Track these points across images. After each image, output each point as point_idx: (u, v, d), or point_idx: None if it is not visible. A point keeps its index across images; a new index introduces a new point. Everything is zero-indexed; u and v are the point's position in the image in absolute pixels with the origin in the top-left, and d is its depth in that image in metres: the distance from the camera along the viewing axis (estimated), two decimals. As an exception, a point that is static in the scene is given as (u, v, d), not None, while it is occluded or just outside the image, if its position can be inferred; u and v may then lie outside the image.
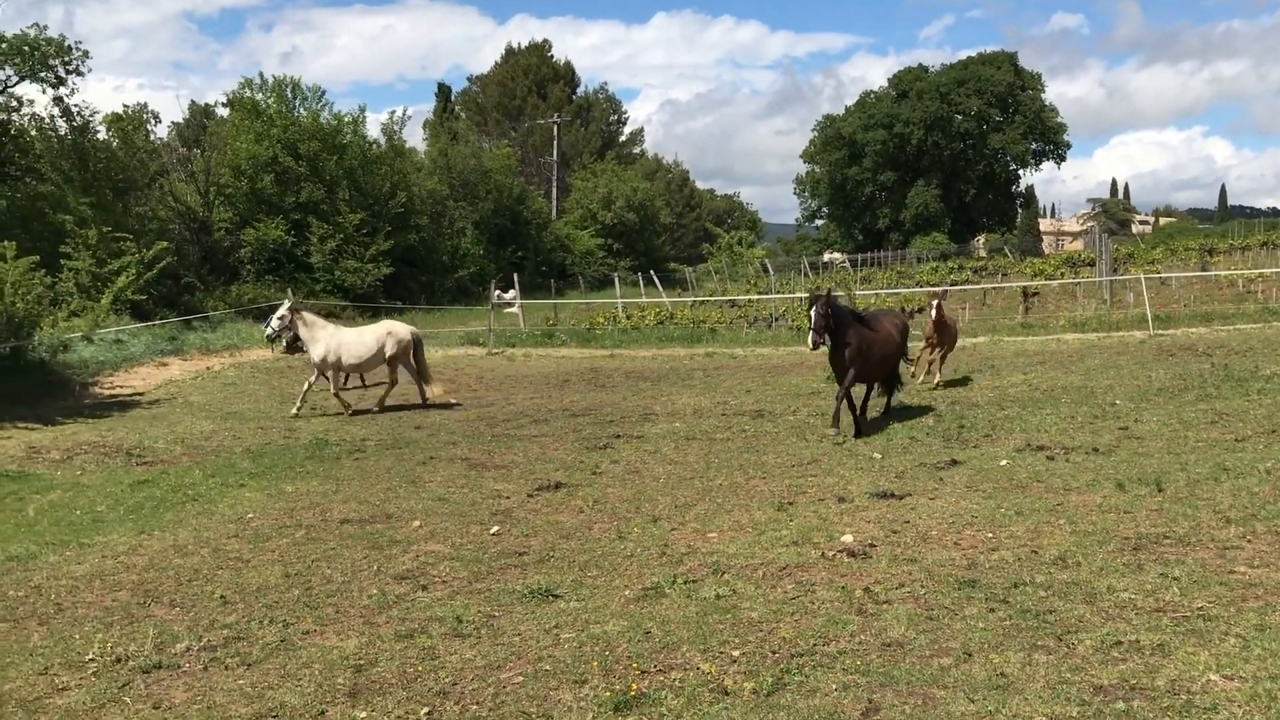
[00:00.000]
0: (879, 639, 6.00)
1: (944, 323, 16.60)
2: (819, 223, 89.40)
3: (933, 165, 78.11)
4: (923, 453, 11.63)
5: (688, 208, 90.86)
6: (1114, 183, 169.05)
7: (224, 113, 47.77)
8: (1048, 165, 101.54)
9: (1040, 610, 6.30)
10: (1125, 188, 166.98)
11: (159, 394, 19.69)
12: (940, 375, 16.89)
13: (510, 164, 59.25)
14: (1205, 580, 6.66)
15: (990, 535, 8.03)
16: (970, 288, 34.41)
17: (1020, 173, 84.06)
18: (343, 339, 17.19)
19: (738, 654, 5.89)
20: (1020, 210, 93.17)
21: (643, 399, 17.29)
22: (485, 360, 24.85)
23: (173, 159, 41.42)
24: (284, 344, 17.99)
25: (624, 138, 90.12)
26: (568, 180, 73.28)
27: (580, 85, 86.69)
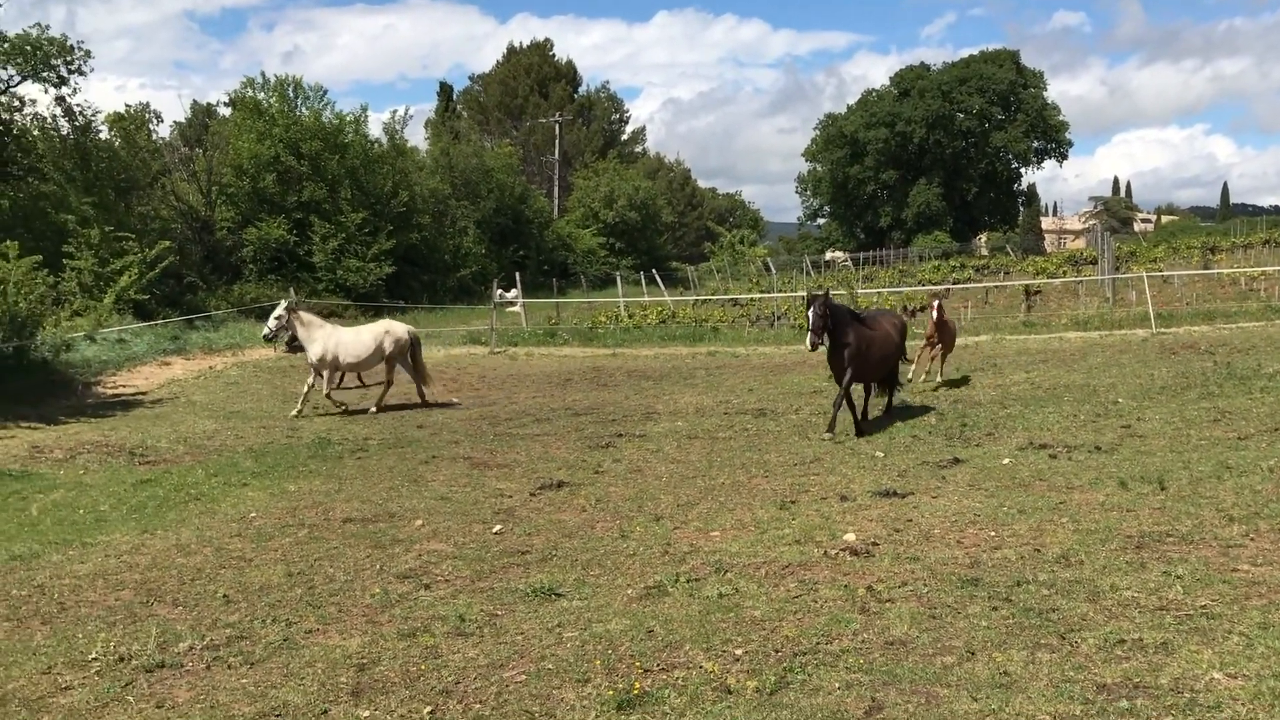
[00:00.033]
0: (882, 637, 6.00)
1: (944, 323, 16.63)
2: (821, 221, 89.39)
3: (935, 164, 78.07)
4: (925, 451, 11.63)
5: (689, 206, 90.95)
6: (1116, 181, 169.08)
7: (226, 112, 47.75)
8: (1050, 163, 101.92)
9: (1043, 609, 6.29)
10: (1127, 186, 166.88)
11: (162, 393, 19.70)
12: (941, 374, 16.92)
13: (512, 163, 59.25)
14: (1208, 578, 6.66)
15: (993, 534, 8.02)
16: (972, 286, 34.38)
17: (1022, 171, 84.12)
18: (340, 338, 17.20)
19: (740, 652, 5.89)
20: (1022, 208, 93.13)
21: (645, 398, 17.30)
22: (487, 359, 24.86)
23: (175, 158, 41.39)
24: (285, 344, 17.96)
25: (626, 136, 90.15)
26: (569, 179, 73.28)
27: (582, 84, 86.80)
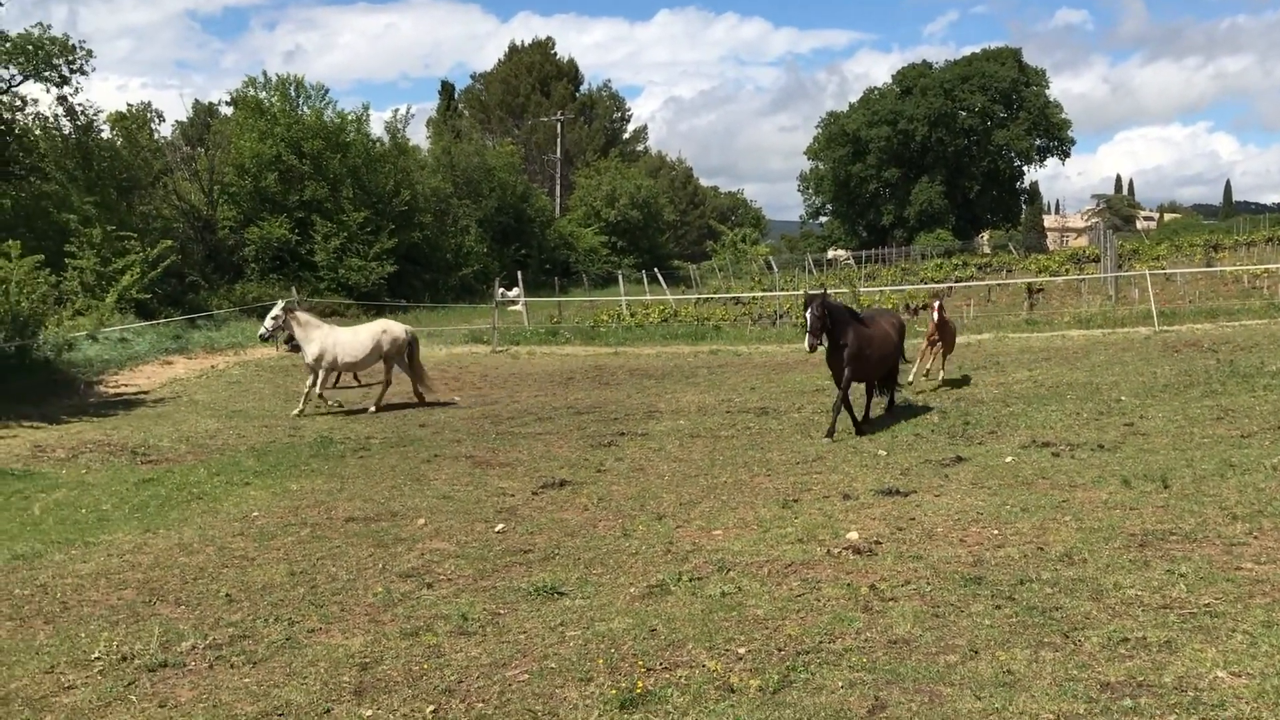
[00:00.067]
0: (885, 636, 5.99)
1: (945, 323, 16.63)
2: (823, 220, 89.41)
3: (937, 162, 78.03)
4: (928, 450, 11.62)
5: (691, 205, 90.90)
6: (1118, 179, 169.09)
7: (228, 111, 47.79)
8: (1052, 161, 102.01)
9: (1046, 607, 6.28)
10: (1130, 184, 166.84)
11: (164, 392, 19.70)
12: (944, 373, 16.93)
13: (514, 162, 59.25)
14: (1212, 577, 6.64)
15: (996, 532, 8.01)
16: (975, 284, 34.34)
17: (1024, 169, 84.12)
18: (338, 338, 17.20)
19: (743, 651, 5.88)
20: (1024, 207, 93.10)
21: (647, 396, 17.29)
22: (490, 358, 24.86)
23: (177, 158, 41.41)
24: (286, 343, 17.95)
25: (627, 135, 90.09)
26: (571, 178, 73.27)
27: (584, 83, 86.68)
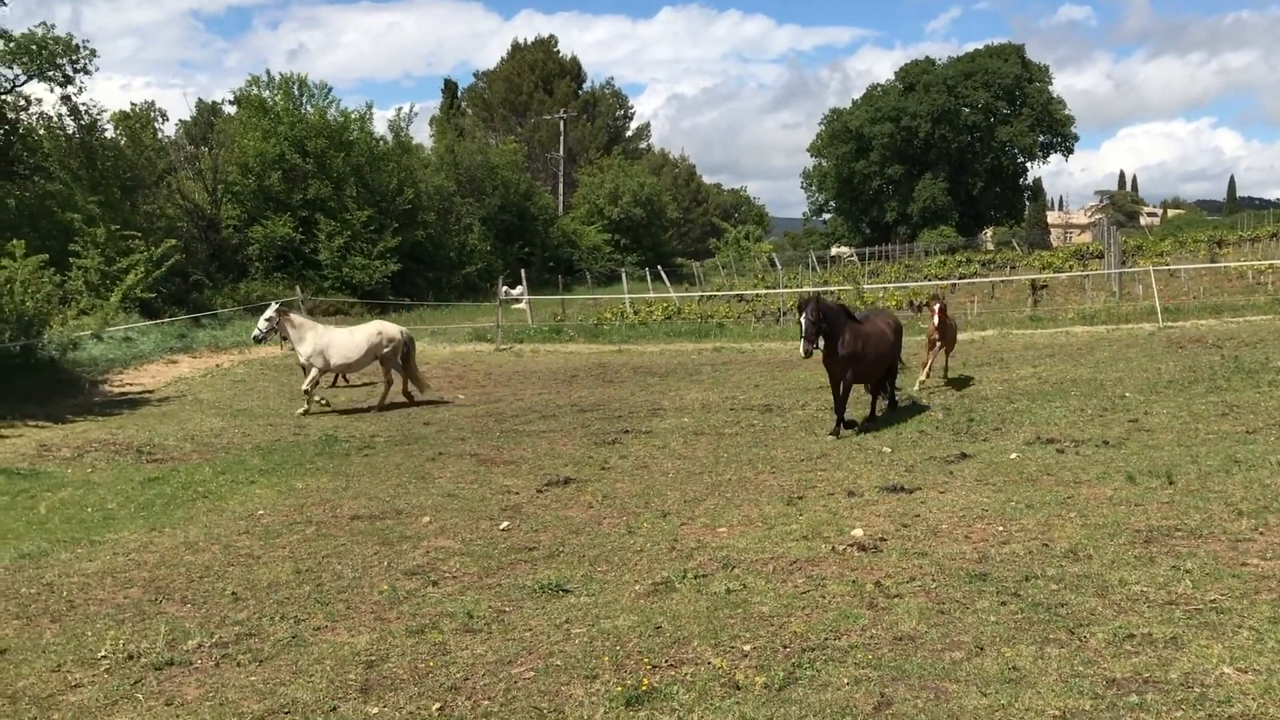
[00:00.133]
0: (890, 633, 6.00)
1: (945, 323, 16.58)
2: (826, 217, 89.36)
3: (940, 158, 77.95)
4: (932, 446, 11.61)
5: (694, 203, 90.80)
6: (1122, 175, 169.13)
7: (231, 110, 47.86)
8: (1055, 158, 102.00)
9: (1052, 603, 6.28)
10: (1133, 180, 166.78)
11: (168, 391, 19.74)
12: (946, 371, 16.93)
13: (517, 160, 59.28)
14: (1218, 573, 6.64)
15: (1001, 529, 8.01)
16: (978, 281, 34.30)
17: (1028, 165, 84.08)
18: (332, 339, 17.20)
19: (749, 648, 5.88)
20: (1028, 203, 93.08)
21: (651, 394, 17.29)
22: (493, 356, 24.87)
23: (180, 157, 41.48)
24: (284, 340, 17.96)
25: (630, 133, 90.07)
26: (574, 176, 73.26)
27: (586, 80, 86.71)
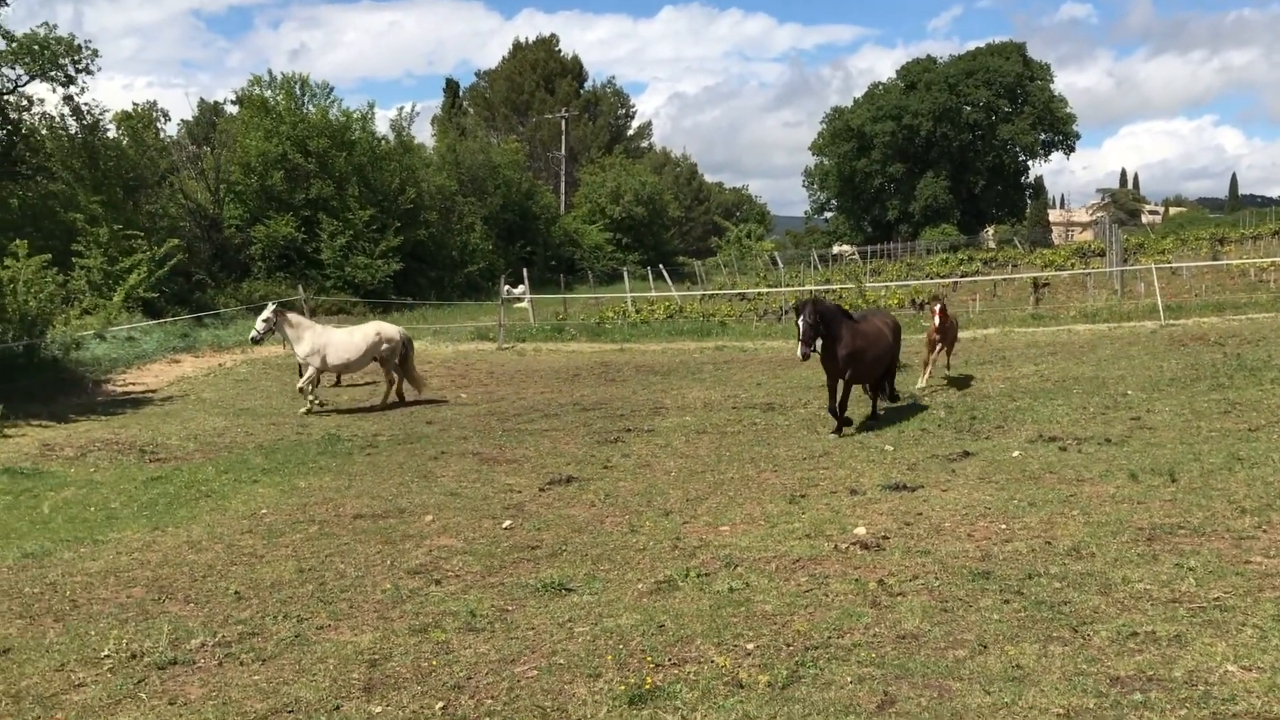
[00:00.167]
0: (893, 631, 5.99)
1: (946, 323, 16.53)
2: (828, 215, 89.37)
3: (942, 157, 77.91)
4: (934, 444, 11.61)
5: (696, 201, 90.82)
6: (1123, 173, 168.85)
7: (233, 110, 47.92)
8: (1057, 156, 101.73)
9: (1055, 601, 6.28)
10: (1135, 178, 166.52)
11: (171, 391, 19.75)
12: (949, 369, 16.93)
13: (518, 159, 59.29)
14: (1221, 570, 6.63)
15: (1004, 527, 8.01)
16: (980, 279, 34.29)
17: (1029, 163, 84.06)
18: (330, 339, 17.18)
19: (752, 647, 5.88)
20: (1029, 201, 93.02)
21: (653, 393, 17.29)
22: (495, 355, 24.87)
23: (183, 157, 41.50)
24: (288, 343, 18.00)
25: (632, 132, 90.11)
26: (576, 175, 73.28)
27: (588, 79, 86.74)
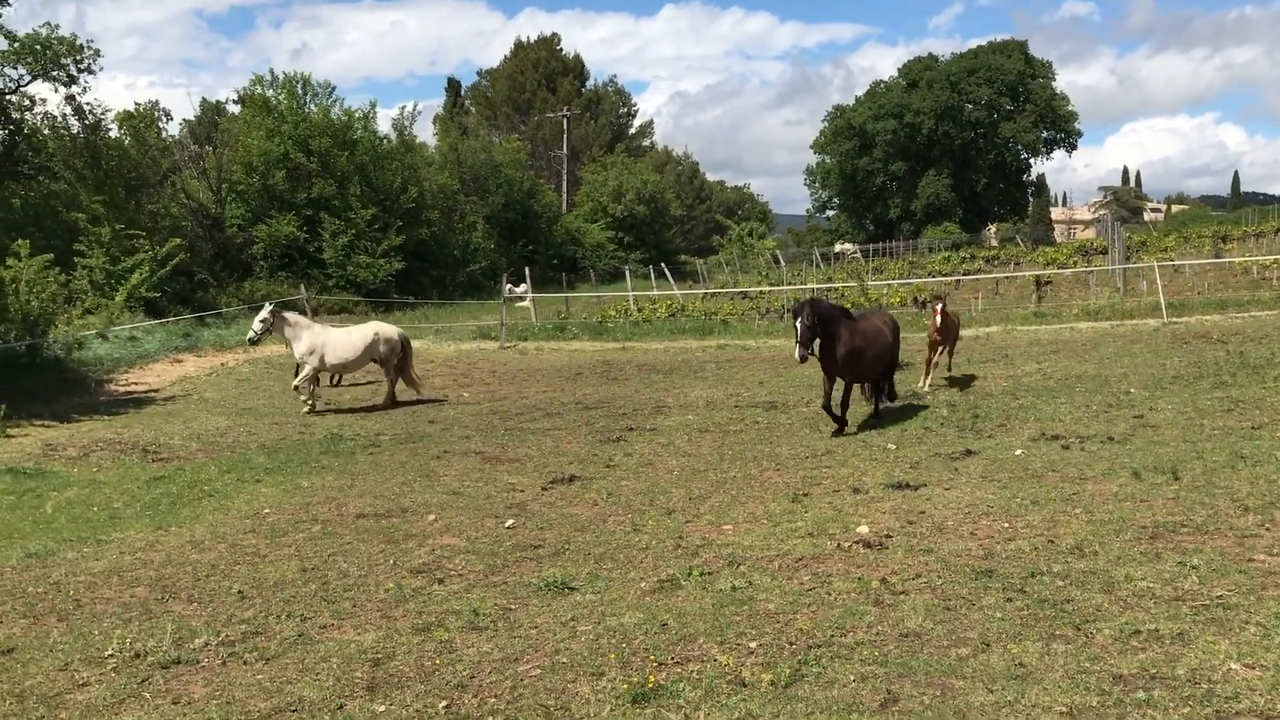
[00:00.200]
0: (896, 630, 5.99)
1: (947, 322, 16.49)
2: (830, 214, 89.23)
3: (943, 155, 77.80)
4: (937, 443, 11.60)
5: (698, 200, 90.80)
6: (1125, 171, 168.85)
7: (235, 109, 47.94)
8: (1059, 154, 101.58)
9: (1058, 600, 6.27)
10: (1137, 175, 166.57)
11: (174, 390, 19.77)
12: (950, 369, 16.89)
13: (520, 158, 59.29)
14: (1224, 568, 6.63)
15: (1006, 525, 8.00)
16: (983, 277, 34.27)
17: (1031, 161, 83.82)
18: (329, 338, 17.17)
19: (755, 645, 5.88)
20: (1031, 199, 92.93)
21: (655, 391, 17.29)
22: (498, 354, 24.88)
23: (185, 156, 41.57)
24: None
25: (633, 130, 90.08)
26: (578, 174, 73.28)
27: (589, 78, 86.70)
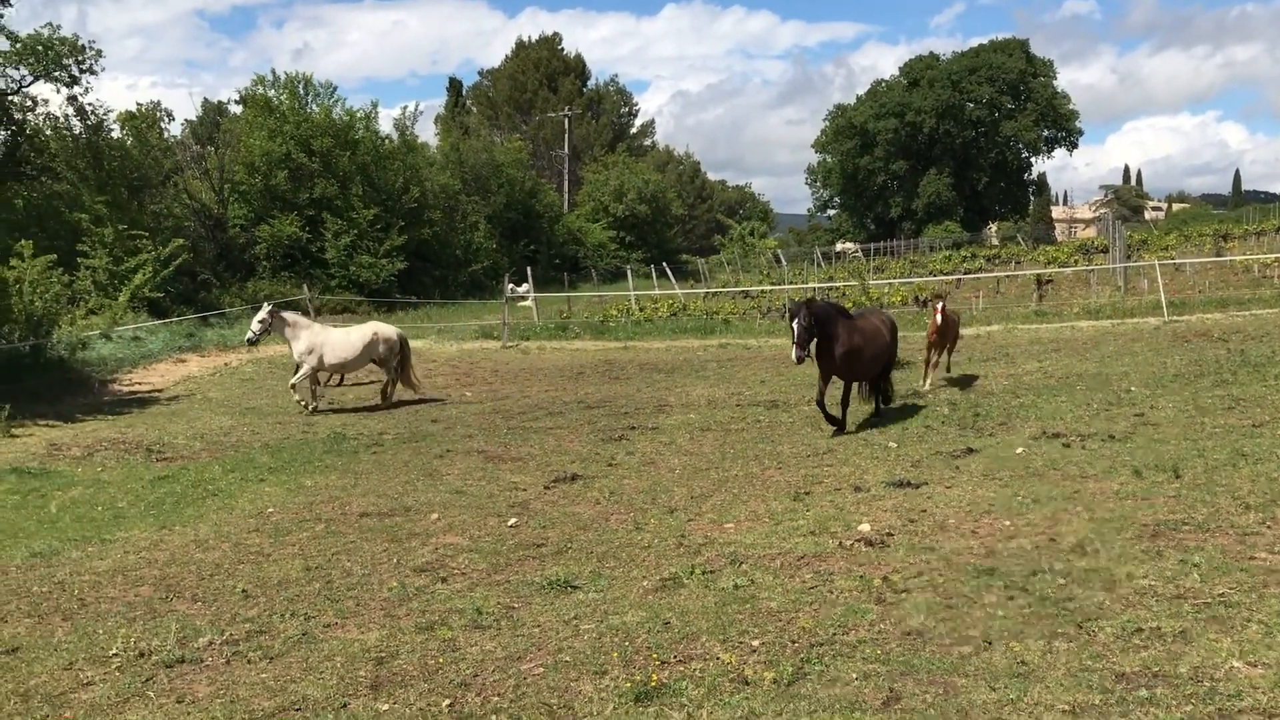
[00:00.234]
0: (898, 628, 6.01)
1: (948, 322, 16.47)
2: (831, 213, 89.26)
3: (945, 154, 77.81)
4: (938, 441, 11.61)
5: (699, 199, 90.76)
6: (1126, 169, 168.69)
7: (237, 110, 47.97)
8: (1060, 152, 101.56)
9: (1060, 598, 6.28)
10: (1138, 174, 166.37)
11: (177, 390, 19.80)
12: (949, 368, 16.87)
13: (522, 158, 59.29)
14: (1226, 566, 6.63)
15: (1008, 523, 8.01)
16: (984, 276, 34.27)
17: (1032, 160, 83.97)
18: (328, 338, 17.18)
19: (757, 644, 5.90)
20: (1032, 198, 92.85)
21: (657, 390, 17.31)
22: (500, 353, 24.90)
23: (187, 156, 41.59)
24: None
25: (635, 130, 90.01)
26: (579, 173, 73.25)
27: (591, 78, 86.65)
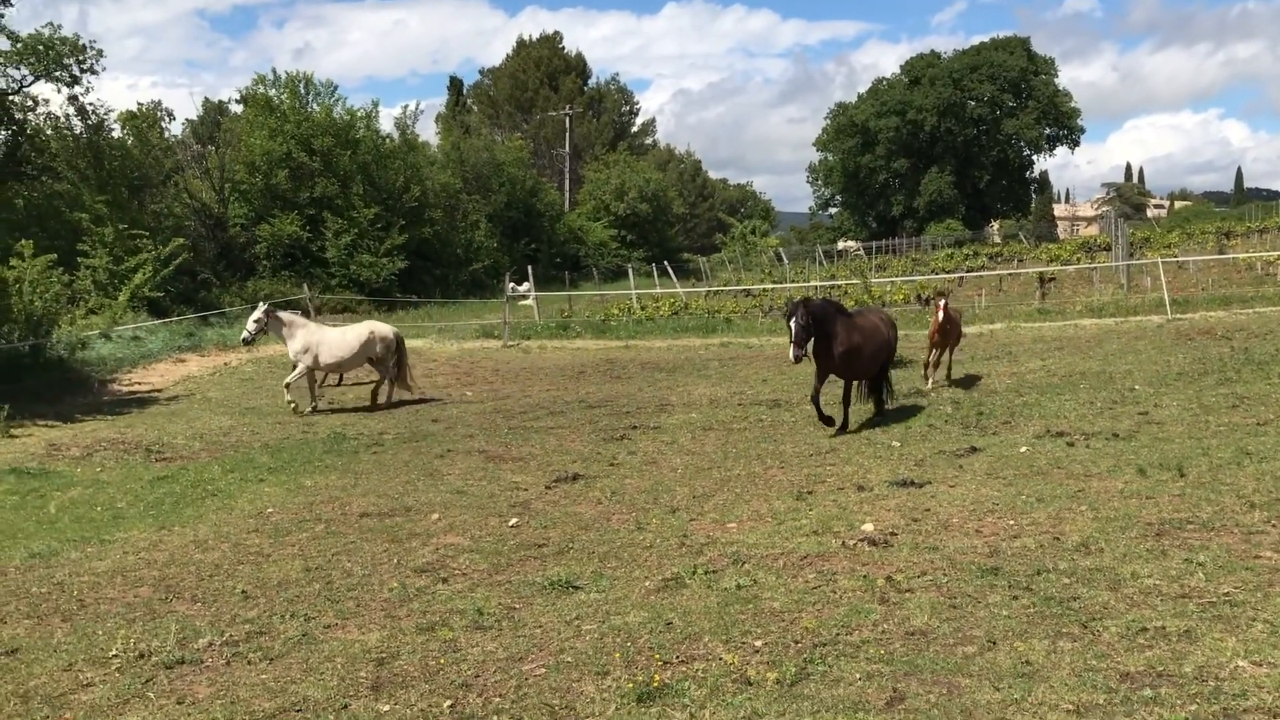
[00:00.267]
0: (902, 628, 5.97)
1: (949, 321, 16.42)
2: (832, 211, 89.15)
3: (946, 152, 77.74)
4: (942, 440, 11.58)
5: (700, 198, 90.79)
6: (1128, 167, 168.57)
7: (238, 109, 48.04)
8: (1061, 150, 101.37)
9: (1064, 597, 6.25)
10: (1140, 172, 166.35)
11: (177, 390, 19.79)
12: (950, 368, 16.81)
13: (523, 156, 59.30)
14: (1230, 565, 6.61)
15: (1012, 522, 7.98)
16: (986, 274, 34.23)
17: (1034, 158, 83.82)
18: (324, 337, 17.13)
19: (760, 644, 5.87)
20: (1034, 196, 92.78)
21: (659, 390, 17.28)
22: (501, 352, 24.87)
23: (187, 156, 41.58)
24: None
25: (636, 128, 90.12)
26: (580, 172, 73.27)
27: (592, 77, 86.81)
